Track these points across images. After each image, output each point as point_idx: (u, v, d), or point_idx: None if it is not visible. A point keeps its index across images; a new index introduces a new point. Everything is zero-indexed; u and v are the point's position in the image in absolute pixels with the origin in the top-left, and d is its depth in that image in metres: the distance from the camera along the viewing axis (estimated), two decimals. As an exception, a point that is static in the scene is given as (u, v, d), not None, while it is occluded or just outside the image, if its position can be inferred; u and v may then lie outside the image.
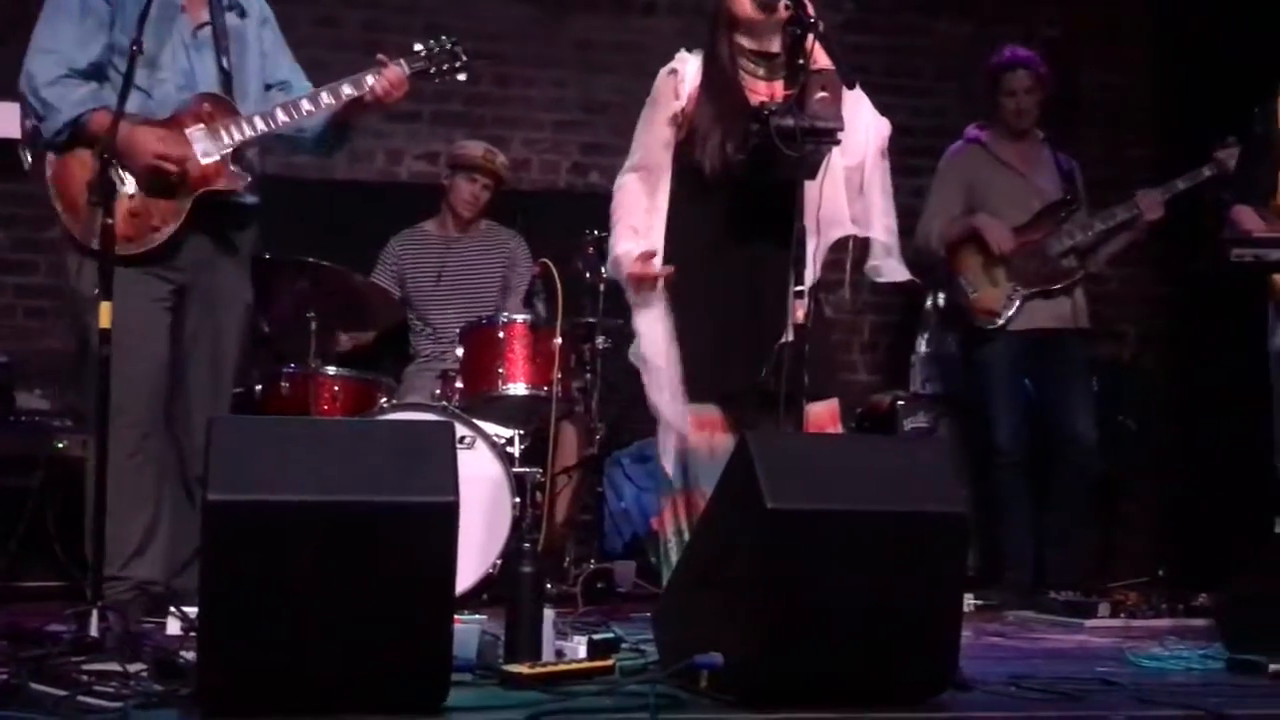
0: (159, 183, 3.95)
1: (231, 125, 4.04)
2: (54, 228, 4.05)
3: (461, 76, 4.44)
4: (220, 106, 4.06)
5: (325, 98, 4.14)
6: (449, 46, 4.37)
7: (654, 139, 3.84)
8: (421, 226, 5.93)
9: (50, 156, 3.93)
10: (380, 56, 4.24)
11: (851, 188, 3.76)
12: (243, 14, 4.19)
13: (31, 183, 4.58)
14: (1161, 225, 5.50)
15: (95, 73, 3.93)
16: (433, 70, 4.36)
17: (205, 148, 4.00)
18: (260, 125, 4.07)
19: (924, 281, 5.88)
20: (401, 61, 4.23)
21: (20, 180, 4.48)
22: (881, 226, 3.81)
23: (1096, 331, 5.85)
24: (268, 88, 4.24)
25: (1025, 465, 5.52)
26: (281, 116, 4.09)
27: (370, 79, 4.15)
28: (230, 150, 4.04)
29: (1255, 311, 4.58)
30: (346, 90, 4.14)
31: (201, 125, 4.01)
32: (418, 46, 4.35)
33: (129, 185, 3.92)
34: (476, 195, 5.79)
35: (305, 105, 4.12)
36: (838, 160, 3.67)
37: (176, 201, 3.99)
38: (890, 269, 3.85)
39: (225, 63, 4.10)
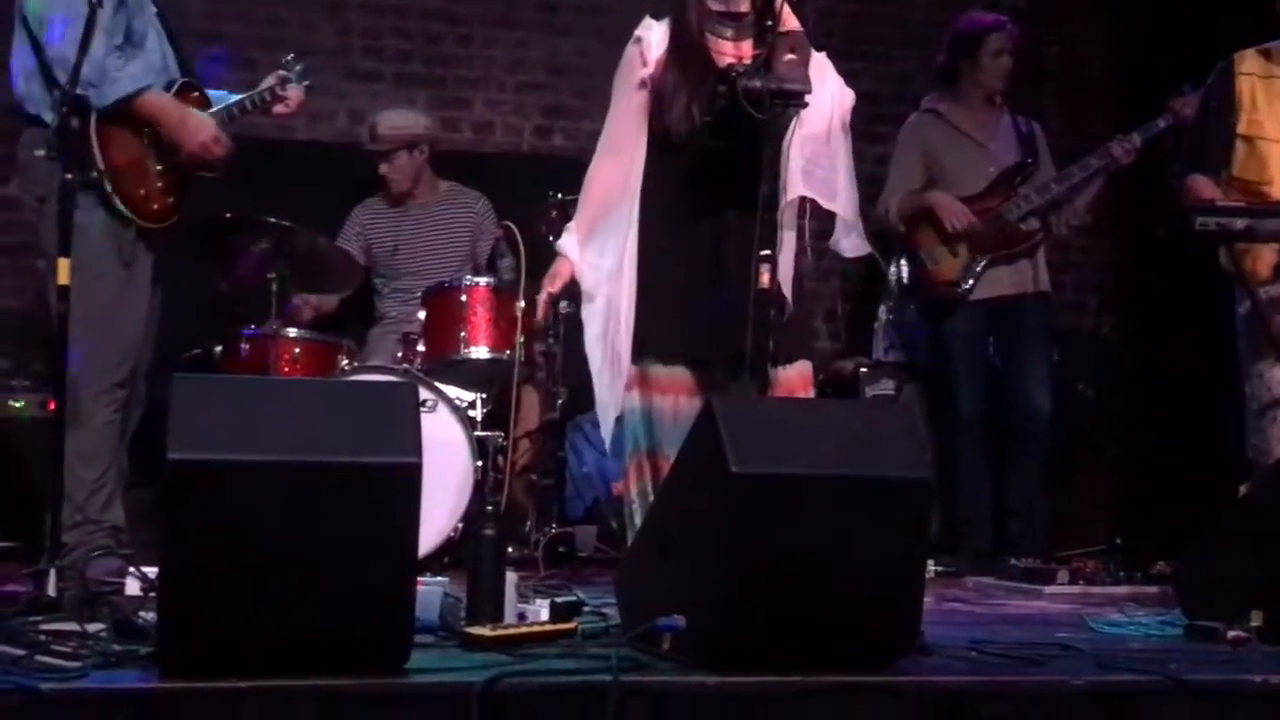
0: (180, 164, 4.20)
1: (213, 115, 4.31)
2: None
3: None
4: (202, 96, 4.34)
5: (261, 99, 4.48)
6: (298, 67, 4.64)
7: (625, 112, 3.79)
8: (382, 196, 5.89)
9: (93, 122, 4.01)
10: (281, 72, 4.56)
11: (814, 153, 3.73)
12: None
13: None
14: (1130, 169, 5.51)
15: (121, 50, 4.11)
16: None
17: None
18: (226, 118, 4.35)
19: (883, 256, 5.91)
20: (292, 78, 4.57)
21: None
22: (845, 200, 3.78)
23: (1057, 298, 5.87)
24: None
25: (986, 433, 5.55)
26: (236, 112, 4.39)
27: (280, 92, 4.53)
28: None
29: (1216, 281, 4.59)
30: (268, 98, 4.51)
31: (194, 109, 4.27)
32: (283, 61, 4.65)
33: (158, 162, 4.18)
34: (394, 170, 5.74)
35: (256, 100, 4.44)
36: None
37: (185, 182, 4.25)
38: (853, 245, 3.84)
39: (179, 46, 4.36)
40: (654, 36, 3.78)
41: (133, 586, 3.32)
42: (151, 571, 3.01)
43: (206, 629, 2.49)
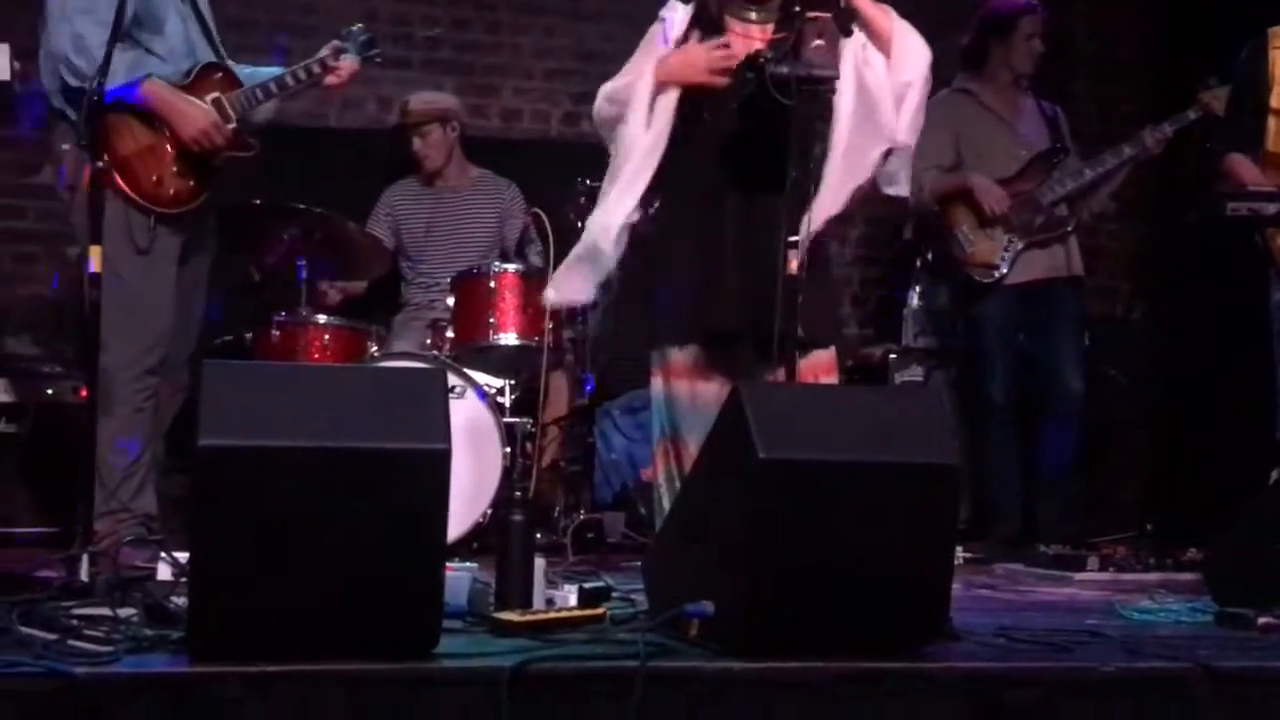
0: (194, 149, 4.18)
1: (240, 95, 4.28)
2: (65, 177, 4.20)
3: (378, 60, 4.67)
4: (227, 77, 4.31)
5: (308, 71, 4.38)
6: (362, 38, 4.55)
7: (638, 73, 3.84)
8: (413, 179, 5.91)
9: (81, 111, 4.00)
10: (335, 43, 4.44)
11: (900, 103, 3.73)
12: None
13: (20, 128, 4.60)
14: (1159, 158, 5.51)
15: (127, 38, 4.06)
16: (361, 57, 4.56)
17: (224, 115, 4.24)
18: (261, 95, 4.31)
19: (916, 239, 5.90)
20: (348, 49, 4.46)
21: (6, 125, 4.49)
22: (910, 138, 3.80)
23: (1089, 283, 5.84)
24: None
25: (1016, 418, 5.53)
26: (274, 88, 4.32)
27: (332, 63, 4.41)
28: (242, 118, 4.28)
29: (1248, 266, 4.57)
30: (317, 69, 4.39)
31: (216, 94, 4.25)
32: (342, 32, 4.55)
33: (171, 148, 4.16)
34: (428, 145, 5.77)
35: (301, 74, 4.36)
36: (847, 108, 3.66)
37: (206, 165, 4.23)
38: (902, 182, 3.85)
39: (215, 32, 4.35)
40: (677, 16, 3.83)
41: (164, 572, 3.33)
42: (182, 557, 3.02)
43: (237, 614, 2.50)
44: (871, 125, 3.69)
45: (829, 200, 3.68)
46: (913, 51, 3.74)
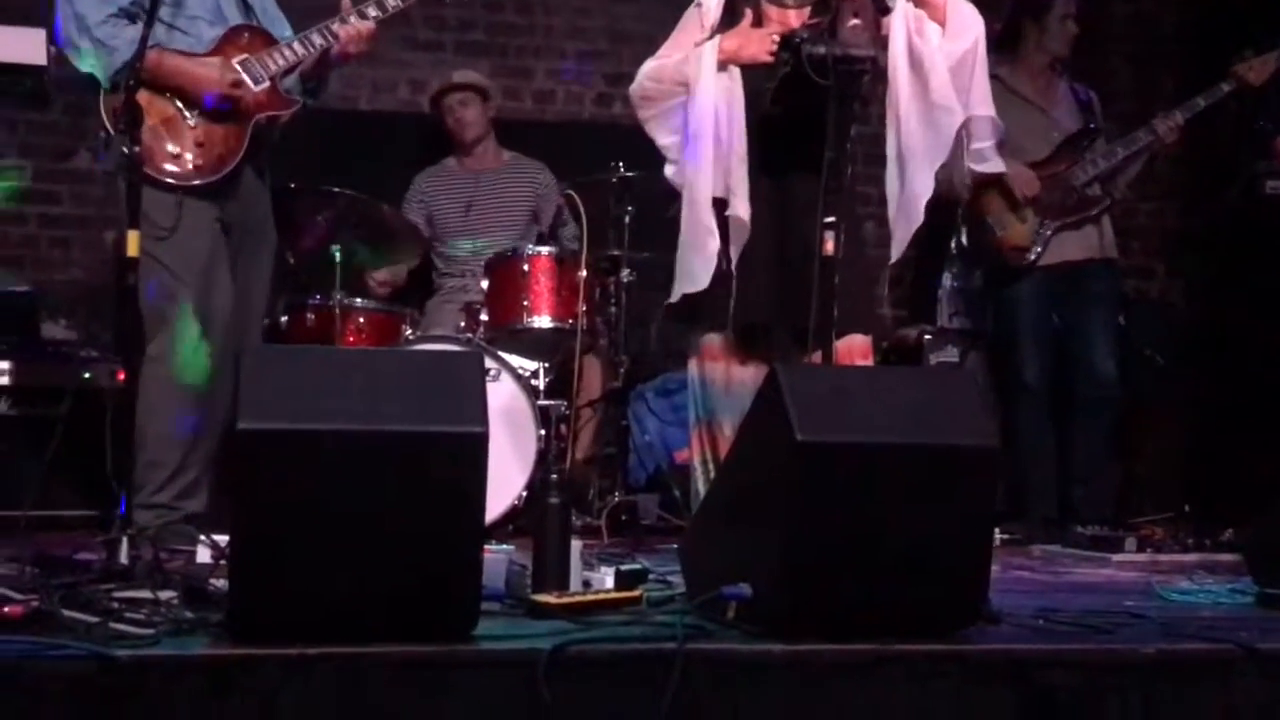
0: (222, 113, 4.08)
1: (274, 52, 4.16)
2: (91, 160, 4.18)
3: None
4: (258, 36, 4.21)
5: (329, 30, 4.21)
6: None
7: (679, 48, 3.83)
8: (445, 163, 5.92)
9: (106, 94, 3.98)
10: (346, 2, 4.26)
11: (964, 71, 3.72)
12: None
13: (54, 113, 4.62)
14: (1177, 147, 5.46)
15: (136, 13, 3.98)
16: None
17: (255, 75, 4.13)
18: (300, 50, 4.19)
19: (947, 221, 5.85)
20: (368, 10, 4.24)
21: (42, 110, 4.51)
22: (987, 108, 3.78)
23: (1127, 262, 5.80)
24: None
25: (1051, 400, 5.51)
26: (318, 40, 4.19)
27: (351, 19, 4.20)
28: (278, 75, 4.17)
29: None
30: (336, 26, 4.21)
31: (245, 55, 4.15)
32: None
33: (190, 117, 4.07)
34: (462, 116, 5.79)
35: (335, 28, 4.20)
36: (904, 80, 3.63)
37: (239, 130, 4.12)
38: (993, 158, 3.82)
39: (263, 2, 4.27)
40: (713, 2, 3.80)
41: (204, 554, 3.35)
42: (222, 540, 3.04)
43: (277, 597, 2.51)
44: (935, 97, 3.65)
45: (920, 182, 3.66)
46: (967, 18, 3.70)
